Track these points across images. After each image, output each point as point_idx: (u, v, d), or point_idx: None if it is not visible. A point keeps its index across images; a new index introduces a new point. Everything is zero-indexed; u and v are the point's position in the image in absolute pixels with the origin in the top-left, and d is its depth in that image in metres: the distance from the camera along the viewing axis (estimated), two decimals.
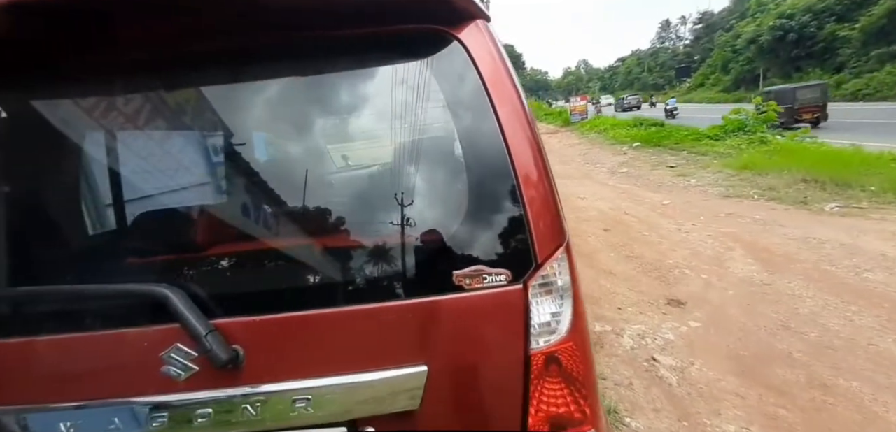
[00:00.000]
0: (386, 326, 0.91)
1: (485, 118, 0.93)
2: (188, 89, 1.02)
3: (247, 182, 1.02)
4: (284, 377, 0.91)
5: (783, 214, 5.40)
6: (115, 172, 1.10)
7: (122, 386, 0.92)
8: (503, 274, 0.91)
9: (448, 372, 0.92)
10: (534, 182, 0.92)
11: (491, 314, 0.90)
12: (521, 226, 0.90)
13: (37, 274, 0.98)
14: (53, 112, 1.08)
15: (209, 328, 0.87)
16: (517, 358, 0.91)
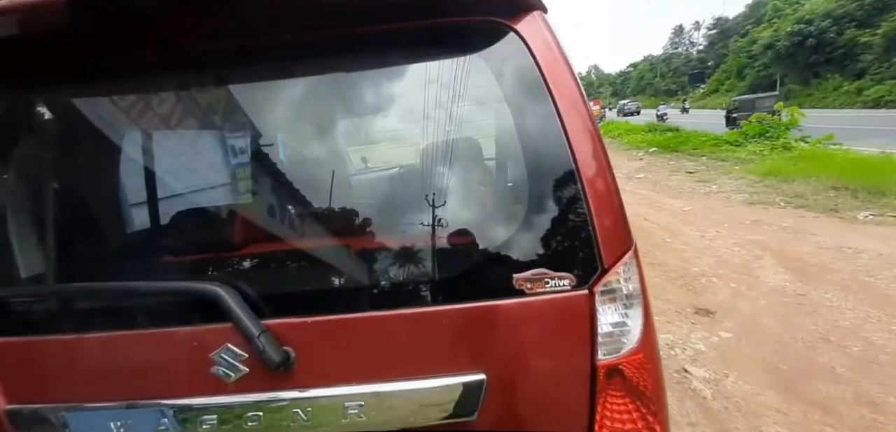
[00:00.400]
0: (442, 331, 0.87)
1: (544, 113, 0.88)
2: (238, 86, 1.00)
3: (298, 179, 0.99)
4: (336, 381, 0.88)
5: (813, 222, 5.22)
6: (160, 170, 1.08)
7: (170, 386, 0.89)
8: (567, 278, 0.85)
9: (507, 381, 0.87)
10: (597, 181, 0.86)
11: (554, 321, 0.85)
12: (585, 227, 0.85)
13: (85, 271, 0.97)
14: (96, 110, 1.07)
15: (262, 328, 0.83)
16: (582, 370, 0.85)
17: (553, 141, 0.87)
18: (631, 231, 0.90)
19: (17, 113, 1.04)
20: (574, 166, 0.86)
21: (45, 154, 1.04)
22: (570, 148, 0.86)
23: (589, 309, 0.84)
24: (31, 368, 0.92)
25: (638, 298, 0.86)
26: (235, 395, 0.87)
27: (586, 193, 0.85)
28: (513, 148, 0.91)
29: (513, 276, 0.86)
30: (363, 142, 0.98)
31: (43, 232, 1.00)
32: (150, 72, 1.00)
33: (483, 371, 0.86)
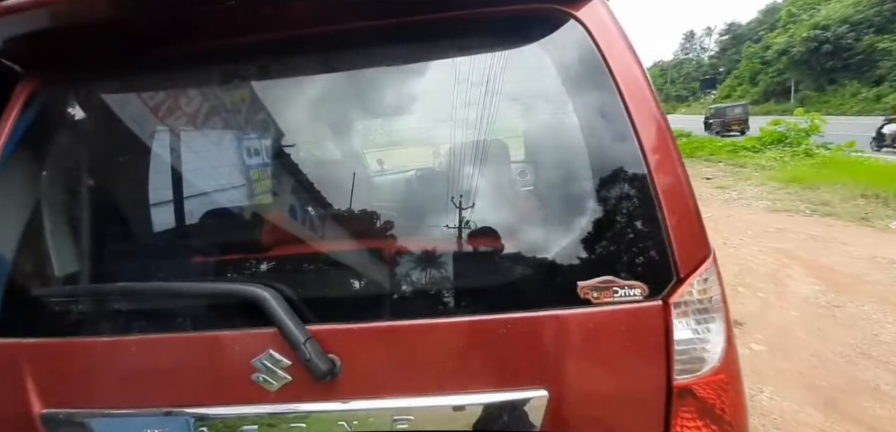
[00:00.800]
0: (499, 342, 0.79)
1: (611, 107, 0.81)
2: (280, 80, 0.94)
3: (344, 178, 0.94)
4: (383, 393, 0.81)
5: (842, 231, 5.04)
6: (196, 168, 1.03)
7: (210, 393, 0.84)
8: (638, 287, 0.77)
9: (571, 398, 0.79)
10: (670, 181, 0.78)
11: (624, 334, 0.77)
12: (657, 233, 0.77)
13: (119, 271, 0.92)
14: (131, 106, 1.03)
15: (307, 335, 0.78)
16: (656, 390, 0.77)
17: (620, 136, 0.80)
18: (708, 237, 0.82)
19: (52, 109, 1.00)
20: (644, 164, 0.78)
21: (81, 150, 1.00)
22: (640, 144, 0.79)
23: (664, 322, 0.76)
24: (67, 371, 0.87)
25: (719, 312, 0.78)
26: (278, 405, 0.82)
27: (658, 194, 0.77)
28: (575, 144, 0.83)
29: (577, 284, 0.78)
30: (411, 140, 0.92)
31: (77, 230, 0.96)
32: (190, 67, 0.95)
33: (544, 386, 0.79)
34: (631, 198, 0.79)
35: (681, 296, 0.76)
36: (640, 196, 0.78)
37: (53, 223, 0.96)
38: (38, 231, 0.94)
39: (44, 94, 1.00)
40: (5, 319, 0.90)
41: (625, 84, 0.80)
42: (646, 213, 0.78)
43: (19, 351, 0.88)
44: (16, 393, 0.87)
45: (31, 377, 0.87)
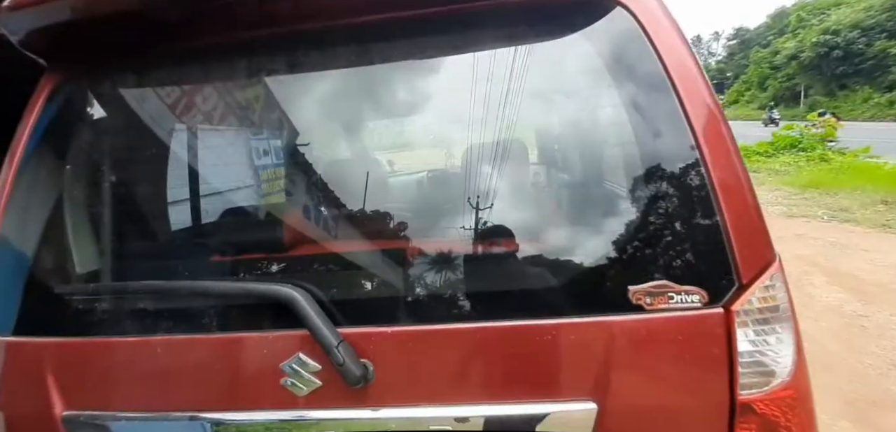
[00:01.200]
0: (544, 349, 0.74)
1: (663, 101, 0.76)
2: (311, 74, 0.90)
3: (376, 177, 0.89)
4: (418, 401, 0.77)
5: (864, 238, 4.90)
6: (221, 165, 1.00)
7: (237, 397, 0.80)
8: (695, 293, 0.72)
9: (623, 413, 0.73)
10: (730, 180, 0.73)
11: (681, 344, 0.71)
12: (716, 235, 0.71)
13: (141, 269, 0.88)
14: (155, 101, 0.99)
15: (340, 338, 0.73)
16: (718, 406, 0.71)
17: (674, 132, 0.75)
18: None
19: (76, 103, 0.97)
20: (700, 161, 0.73)
21: (103, 145, 0.98)
22: (695, 139, 0.73)
23: (726, 331, 0.70)
24: (89, 372, 0.84)
25: (787, 321, 0.72)
26: (307, 411, 0.78)
27: (717, 193, 0.72)
28: (623, 140, 0.78)
29: (628, 289, 0.73)
30: (447, 138, 0.87)
31: (99, 226, 0.93)
32: (218, 61, 0.92)
33: (593, 398, 0.73)
34: (686, 198, 0.73)
35: (744, 303, 0.70)
36: (697, 195, 0.73)
37: (75, 219, 0.93)
38: (59, 227, 0.91)
39: (67, 88, 0.97)
40: (26, 317, 0.88)
41: (677, 74, 0.75)
42: (703, 214, 0.72)
43: (41, 351, 0.85)
44: (37, 393, 0.84)
45: (53, 377, 0.84)
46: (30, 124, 0.95)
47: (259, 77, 0.95)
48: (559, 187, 0.82)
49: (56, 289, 0.88)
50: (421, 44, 0.85)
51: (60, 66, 0.96)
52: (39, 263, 0.90)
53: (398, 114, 0.91)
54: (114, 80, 0.98)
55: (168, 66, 0.95)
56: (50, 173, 0.95)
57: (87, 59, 0.96)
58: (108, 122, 0.99)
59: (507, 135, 0.87)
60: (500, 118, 0.85)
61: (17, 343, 0.87)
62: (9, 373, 0.87)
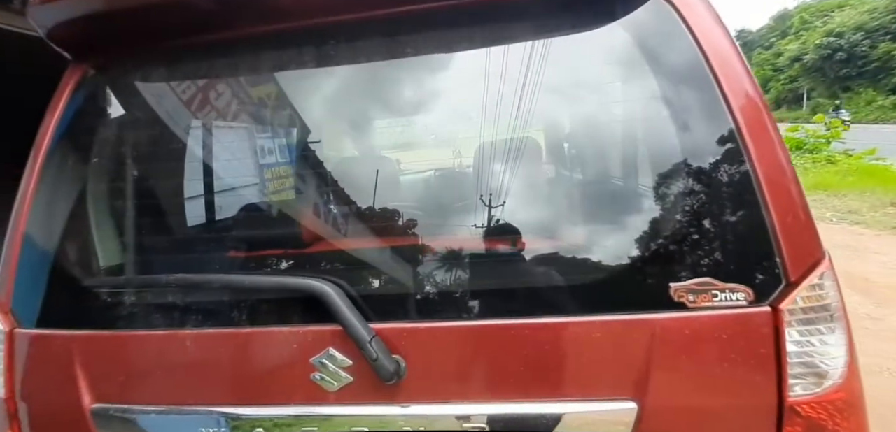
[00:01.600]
0: (582, 347, 0.73)
1: (704, 91, 0.74)
2: (342, 67, 0.88)
3: (408, 169, 0.88)
4: (450, 398, 0.75)
5: (874, 241, 4.87)
6: (247, 158, 0.99)
7: (267, 392, 0.79)
8: (741, 291, 0.70)
9: (664, 414, 0.72)
10: (776, 175, 0.71)
11: (725, 343, 0.69)
12: (762, 231, 0.69)
13: (167, 263, 0.87)
14: (180, 96, 0.98)
15: (372, 333, 0.72)
16: (766, 408, 0.69)
17: (716, 123, 0.73)
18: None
19: (100, 96, 0.96)
20: (745, 154, 0.71)
21: (128, 139, 0.96)
22: (739, 131, 0.72)
23: (774, 330, 0.68)
24: (118, 365, 0.84)
25: (839, 321, 0.70)
26: (338, 406, 0.77)
27: (762, 188, 0.70)
28: (665, 133, 0.76)
29: (670, 286, 0.71)
30: (480, 130, 0.85)
31: (124, 220, 0.92)
32: (241, 55, 0.91)
33: (633, 398, 0.71)
34: (730, 192, 0.72)
35: (793, 302, 0.68)
36: (741, 189, 0.71)
37: (99, 213, 0.92)
38: (84, 221, 0.91)
39: (91, 82, 0.96)
40: (51, 310, 0.87)
41: (717, 63, 0.73)
42: (748, 209, 0.70)
43: (68, 344, 0.84)
44: (64, 386, 0.84)
45: (81, 370, 0.83)
46: (54, 118, 0.94)
47: (285, 71, 0.94)
48: (598, 182, 0.80)
49: (82, 282, 0.87)
50: (456, 36, 0.83)
51: (85, 60, 0.95)
52: (64, 257, 0.89)
53: (430, 110, 0.89)
54: (138, 74, 0.97)
55: (192, 59, 0.94)
56: (74, 167, 0.95)
57: (112, 53, 0.95)
58: (131, 116, 0.98)
59: (542, 130, 0.86)
60: (537, 112, 0.84)
61: (42, 335, 0.87)
62: (33, 366, 0.87)
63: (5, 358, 0.87)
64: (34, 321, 0.88)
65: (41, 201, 0.91)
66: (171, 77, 0.98)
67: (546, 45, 0.82)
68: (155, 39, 0.90)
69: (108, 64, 0.96)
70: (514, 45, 0.83)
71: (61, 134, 0.93)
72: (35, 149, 0.93)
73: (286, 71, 0.94)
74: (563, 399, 0.73)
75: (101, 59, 0.96)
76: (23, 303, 0.89)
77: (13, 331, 0.88)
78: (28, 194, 0.91)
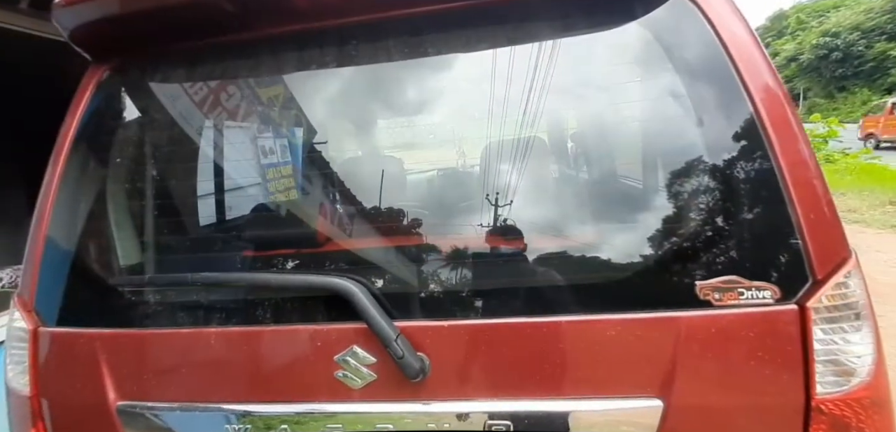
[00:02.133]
0: (608, 345, 0.73)
1: (730, 91, 0.75)
2: (362, 67, 0.89)
3: (430, 167, 0.89)
4: (475, 396, 0.76)
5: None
6: (268, 156, 0.99)
7: (292, 388, 0.80)
8: (767, 289, 0.70)
9: (691, 412, 0.72)
10: (802, 173, 0.71)
11: (753, 341, 0.70)
12: (788, 229, 0.70)
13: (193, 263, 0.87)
14: (200, 96, 0.99)
15: (397, 331, 0.73)
16: (793, 406, 0.70)
17: (740, 121, 0.74)
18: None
19: (121, 97, 0.97)
20: (770, 152, 0.72)
21: (148, 139, 0.97)
22: (762, 127, 0.72)
23: (801, 328, 0.69)
24: (143, 363, 0.84)
25: (866, 319, 0.71)
26: (362, 404, 0.78)
27: (788, 186, 0.70)
28: (688, 130, 0.77)
29: (696, 284, 0.72)
30: (503, 128, 0.86)
31: (145, 220, 0.93)
32: (262, 55, 0.91)
33: (659, 396, 0.72)
34: (755, 189, 0.72)
35: (819, 300, 0.69)
36: (768, 188, 0.71)
37: (120, 212, 0.93)
38: (105, 220, 0.91)
39: (111, 83, 0.96)
40: (75, 308, 0.87)
41: (747, 68, 0.74)
42: (775, 207, 0.71)
43: (93, 342, 0.85)
44: (91, 383, 0.84)
45: (107, 367, 0.84)
46: (76, 119, 0.94)
47: (305, 71, 0.94)
48: (624, 181, 0.81)
49: (106, 281, 0.88)
50: (476, 35, 0.84)
51: (106, 61, 0.96)
52: (86, 256, 0.90)
53: (450, 107, 0.90)
54: (157, 75, 0.98)
55: (213, 60, 0.95)
56: (94, 167, 0.95)
57: (132, 54, 0.96)
58: (150, 117, 0.98)
59: (561, 127, 0.87)
60: (562, 112, 0.84)
61: (66, 334, 0.87)
62: (58, 364, 0.87)
63: (30, 357, 0.87)
64: (56, 319, 0.89)
65: (63, 201, 0.91)
66: (190, 78, 0.98)
67: (571, 43, 0.83)
68: (175, 40, 0.91)
69: (127, 65, 0.97)
70: (538, 43, 0.84)
71: (81, 134, 0.94)
72: (56, 150, 0.94)
73: (303, 71, 0.95)
74: (589, 397, 0.74)
75: (120, 60, 0.96)
76: (46, 302, 0.89)
77: (37, 330, 0.88)
78: (50, 194, 0.91)
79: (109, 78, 0.96)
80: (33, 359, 0.88)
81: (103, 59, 0.96)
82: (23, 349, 0.88)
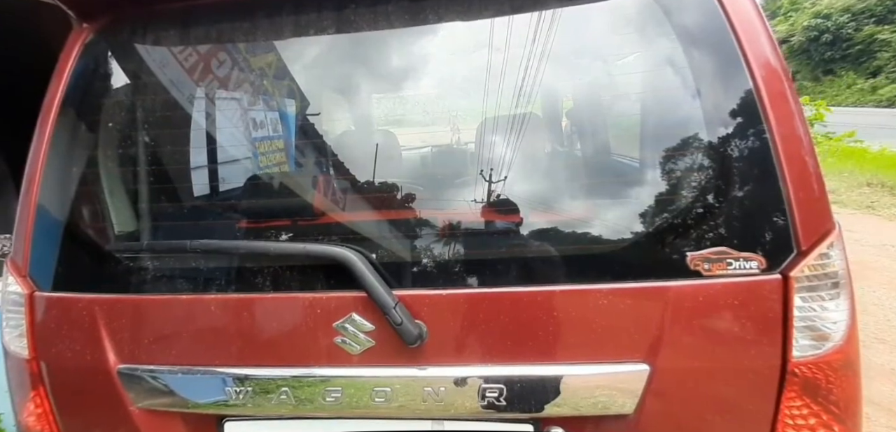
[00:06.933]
0: (599, 313, 0.77)
1: (730, 62, 0.76)
2: (372, 33, 0.87)
3: (428, 136, 0.89)
4: (471, 361, 0.80)
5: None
6: (267, 122, 0.98)
7: (292, 354, 0.82)
8: (754, 259, 0.74)
9: (675, 375, 0.77)
10: (795, 146, 0.74)
11: (737, 308, 0.74)
12: (777, 201, 0.73)
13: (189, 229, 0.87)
14: (191, 57, 0.96)
15: (396, 299, 0.75)
16: (769, 368, 0.75)
17: (739, 97, 0.76)
18: None
19: (106, 60, 0.93)
20: (766, 126, 0.74)
21: (138, 102, 0.94)
22: (762, 107, 0.74)
23: (782, 296, 0.73)
24: (143, 327, 0.85)
25: (844, 288, 0.75)
26: (361, 368, 0.81)
27: (781, 160, 0.73)
28: (685, 101, 0.79)
29: (687, 254, 0.75)
30: (502, 100, 0.86)
31: (137, 185, 0.91)
32: (258, 14, 0.88)
33: (646, 361, 0.76)
34: (749, 164, 0.75)
35: (802, 269, 0.73)
36: (760, 162, 0.74)
37: (111, 177, 0.92)
38: (96, 185, 0.90)
39: (99, 43, 0.93)
40: (71, 273, 0.87)
41: (748, 40, 0.75)
42: (765, 180, 0.74)
43: (91, 306, 0.85)
44: (91, 347, 0.85)
45: (106, 331, 0.85)
46: (62, 82, 0.91)
47: (301, 32, 0.91)
48: (616, 151, 0.82)
49: (103, 247, 0.87)
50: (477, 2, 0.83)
51: (91, 20, 0.92)
52: (79, 221, 0.89)
53: (448, 76, 0.90)
54: (145, 35, 0.94)
55: (205, 20, 0.91)
56: (84, 132, 0.92)
57: (119, 13, 0.92)
58: (141, 78, 0.95)
59: (556, 99, 0.87)
60: (557, 82, 0.85)
61: (63, 299, 0.87)
62: (56, 328, 0.87)
63: (27, 321, 0.87)
64: (52, 284, 0.88)
65: (53, 167, 0.89)
66: (181, 40, 0.95)
67: (572, 15, 0.82)
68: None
69: (114, 25, 0.93)
70: (539, 12, 0.83)
71: (68, 98, 0.91)
72: (43, 113, 0.91)
73: (297, 37, 0.92)
74: (579, 362, 0.78)
75: (107, 19, 0.92)
76: (40, 268, 0.88)
77: (33, 294, 0.88)
78: (39, 160, 0.89)
79: (95, 39, 0.92)
80: (30, 324, 0.88)
81: (89, 18, 0.92)
82: (19, 313, 0.88)
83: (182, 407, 0.85)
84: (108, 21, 0.92)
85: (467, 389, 0.79)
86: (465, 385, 0.79)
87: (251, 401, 0.83)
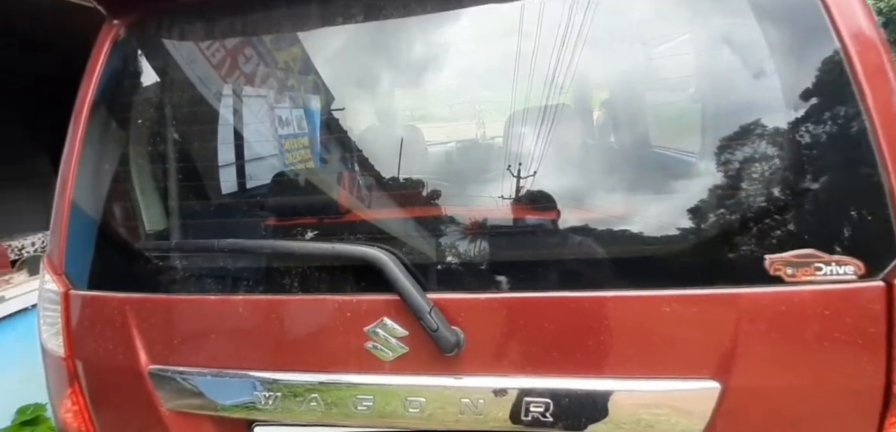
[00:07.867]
0: (659, 322, 0.68)
1: (816, 31, 0.65)
2: (402, 24, 0.81)
3: (467, 133, 0.83)
4: (512, 371, 0.72)
5: None
6: (296, 120, 0.95)
7: (321, 359, 0.78)
8: (849, 263, 0.63)
9: (751, 395, 0.67)
10: None
11: (828, 320, 0.64)
12: (878, 196, 0.62)
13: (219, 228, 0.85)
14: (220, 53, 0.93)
15: (431, 303, 0.69)
16: (869, 389, 0.64)
17: (828, 72, 0.65)
18: None
19: (137, 56, 0.93)
20: (861, 106, 0.63)
21: (169, 99, 0.93)
22: (856, 81, 0.63)
23: (886, 307, 0.62)
24: (174, 328, 0.84)
25: None
26: (393, 376, 0.76)
27: (881, 145, 0.62)
28: (761, 84, 0.69)
29: (765, 257, 0.65)
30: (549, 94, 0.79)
31: (168, 183, 0.90)
32: (291, 10, 0.85)
33: (716, 377, 0.67)
34: (841, 151, 0.64)
35: None
36: (855, 148, 0.63)
37: (143, 175, 0.91)
38: (129, 183, 0.89)
39: (130, 40, 0.92)
40: (105, 271, 0.87)
41: (841, 15, 0.64)
42: (863, 172, 0.63)
43: (123, 306, 0.84)
44: (123, 346, 0.84)
45: (138, 331, 0.84)
46: (94, 80, 0.91)
47: (326, 22, 0.87)
48: (685, 142, 0.73)
49: (134, 246, 0.87)
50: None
51: (122, 16, 0.91)
52: (112, 220, 0.89)
53: (486, 65, 0.83)
54: (175, 29, 0.92)
55: (230, 11, 0.89)
56: (116, 130, 0.92)
57: (149, 8, 0.91)
58: (171, 74, 0.94)
59: (619, 89, 0.78)
60: (612, 71, 0.76)
61: (98, 297, 0.87)
62: (90, 327, 0.87)
63: (62, 319, 0.88)
64: (87, 283, 0.88)
65: (86, 165, 0.89)
66: (208, 34, 0.93)
67: None
68: None
69: (144, 21, 0.92)
70: None
71: (100, 96, 0.91)
72: (76, 112, 0.91)
73: (337, 30, 0.87)
74: (635, 377, 0.70)
75: (137, 15, 0.91)
76: (75, 266, 0.88)
77: (68, 292, 0.88)
78: (73, 158, 0.89)
79: (126, 36, 0.91)
80: (66, 321, 0.88)
81: (119, 15, 0.91)
82: (55, 311, 0.88)
83: (211, 411, 0.83)
84: (138, 17, 0.91)
85: (508, 402, 0.73)
86: (505, 396, 0.73)
87: (280, 406, 0.79)
